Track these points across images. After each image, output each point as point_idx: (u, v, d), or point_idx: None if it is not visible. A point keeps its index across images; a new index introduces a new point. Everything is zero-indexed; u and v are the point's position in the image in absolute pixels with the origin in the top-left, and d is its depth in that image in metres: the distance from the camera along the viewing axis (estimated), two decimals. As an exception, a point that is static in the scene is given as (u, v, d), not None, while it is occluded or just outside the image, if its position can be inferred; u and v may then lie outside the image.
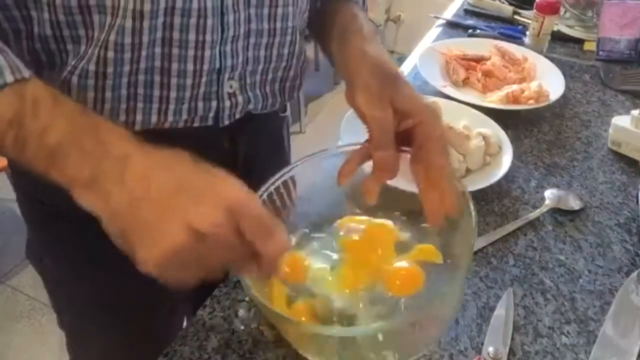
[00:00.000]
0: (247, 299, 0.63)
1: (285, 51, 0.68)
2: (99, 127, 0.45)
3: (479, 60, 1.12)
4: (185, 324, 0.77)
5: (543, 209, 0.78)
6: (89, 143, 0.44)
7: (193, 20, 0.57)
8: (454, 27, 1.35)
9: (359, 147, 0.58)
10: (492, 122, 0.91)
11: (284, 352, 0.58)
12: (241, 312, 0.62)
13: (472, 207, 0.52)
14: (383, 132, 0.55)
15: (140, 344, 0.80)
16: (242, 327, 0.61)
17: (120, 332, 0.79)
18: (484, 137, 0.85)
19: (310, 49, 2.90)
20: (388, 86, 0.56)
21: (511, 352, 0.60)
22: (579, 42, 1.30)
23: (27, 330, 1.68)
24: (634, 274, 0.68)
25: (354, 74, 0.59)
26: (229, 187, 0.44)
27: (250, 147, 0.73)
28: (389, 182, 0.60)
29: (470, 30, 1.31)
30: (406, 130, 0.56)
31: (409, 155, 0.56)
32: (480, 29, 1.31)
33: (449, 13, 1.42)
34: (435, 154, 0.55)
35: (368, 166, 0.59)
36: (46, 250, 0.76)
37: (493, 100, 1.01)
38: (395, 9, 3.06)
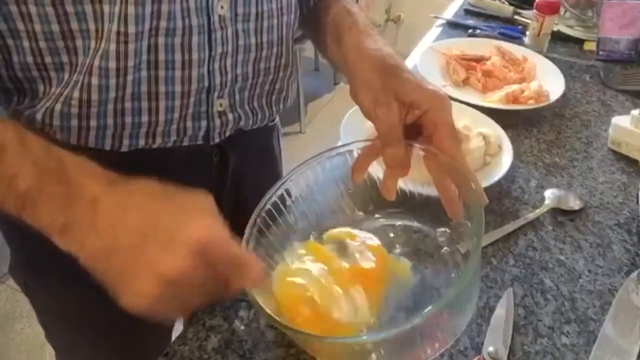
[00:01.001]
0: (247, 299, 0.63)
1: (272, 64, 0.66)
2: (67, 168, 0.44)
3: (479, 60, 1.12)
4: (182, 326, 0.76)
5: (543, 209, 0.78)
6: (58, 189, 0.43)
7: (178, 40, 0.55)
8: (454, 27, 1.35)
9: (365, 144, 0.58)
10: (492, 122, 0.91)
11: (283, 352, 0.58)
12: (241, 312, 0.62)
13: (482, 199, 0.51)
14: (390, 129, 0.54)
15: (130, 356, 0.80)
16: (242, 327, 0.61)
17: (108, 347, 0.78)
18: (484, 137, 0.85)
19: (310, 49, 2.91)
20: (390, 79, 0.55)
21: (511, 352, 0.60)
22: (579, 42, 1.30)
23: (27, 330, 1.68)
24: (634, 274, 0.68)
25: (354, 72, 0.58)
26: (197, 226, 0.42)
27: (240, 160, 0.72)
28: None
29: (470, 30, 1.31)
30: (416, 121, 0.55)
31: (418, 152, 0.55)
32: (480, 29, 1.31)
33: (449, 13, 1.42)
34: (445, 142, 0.53)
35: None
36: (28, 270, 0.74)
37: (493, 100, 1.01)
38: (395, 9, 3.06)
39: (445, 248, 0.60)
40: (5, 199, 0.44)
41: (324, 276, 0.50)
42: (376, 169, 0.59)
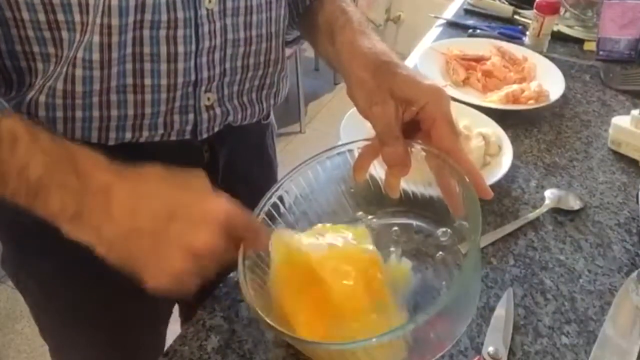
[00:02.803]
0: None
1: (262, 59, 0.66)
2: (77, 159, 0.45)
3: (479, 60, 1.12)
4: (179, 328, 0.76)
5: (543, 209, 0.78)
6: (69, 178, 0.44)
7: (163, 32, 0.55)
8: (454, 27, 1.35)
9: (365, 143, 0.58)
10: (492, 122, 0.91)
11: (283, 352, 0.58)
12: (241, 312, 0.62)
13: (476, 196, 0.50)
14: (386, 127, 0.53)
15: (122, 351, 0.79)
16: (242, 327, 0.61)
17: (99, 343, 0.78)
18: (484, 137, 0.85)
19: (310, 49, 2.91)
20: (384, 77, 0.54)
21: (511, 352, 0.60)
22: (579, 42, 1.30)
23: (27, 330, 1.68)
24: (634, 274, 0.68)
25: (348, 71, 0.58)
26: (215, 203, 0.46)
27: (231, 157, 0.72)
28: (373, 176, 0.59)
29: (470, 30, 1.30)
30: (414, 117, 0.54)
31: (419, 152, 0.55)
32: (480, 29, 1.31)
33: (449, 13, 1.42)
34: (444, 136, 0.53)
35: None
36: (19, 265, 0.74)
37: (493, 100, 1.01)
38: (395, 9, 3.06)
39: (445, 248, 0.60)
40: (16, 189, 0.45)
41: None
42: (377, 169, 0.59)
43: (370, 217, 0.63)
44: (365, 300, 0.49)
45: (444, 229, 0.60)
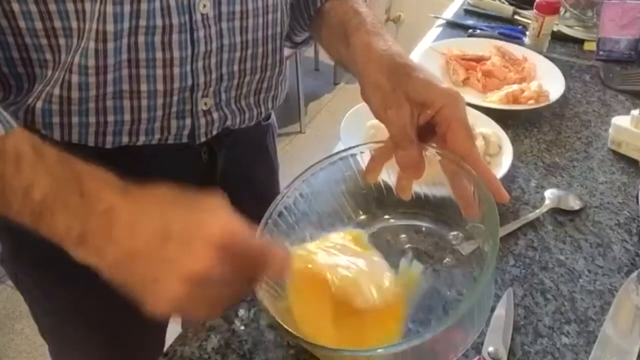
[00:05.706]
0: (247, 299, 0.63)
1: (259, 63, 0.65)
2: (82, 178, 0.44)
3: (479, 60, 1.12)
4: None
5: (543, 209, 0.78)
6: (73, 199, 0.43)
7: (158, 38, 0.55)
8: (454, 27, 1.35)
9: (377, 145, 0.57)
10: (492, 122, 0.91)
11: (284, 352, 0.58)
12: (241, 312, 0.62)
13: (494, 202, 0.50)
14: (401, 131, 0.53)
15: (122, 350, 0.79)
16: (242, 327, 0.61)
17: (99, 341, 0.78)
18: (484, 137, 0.85)
19: (310, 49, 2.91)
20: (399, 79, 0.54)
21: (511, 352, 0.60)
22: (579, 42, 1.30)
23: (27, 330, 1.68)
24: (634, 274, 0.68)
25: (363, 73, 0.57)
26: (216, 223, 0.41)
27: (230, 159, 0.71)
28: (386, 180, 0.59)
29: (470, 30, 1.30)
30: (430, 120, 0.54)
31: (434, 156, 0.54)
32: (480, 29, 1.31)
33: (449, 13, 1.42)
34: (460, 140, 0.52)
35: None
36: (19, 264, 0.73)
37: (493, 100, 1.01)
38: (395, 9, 3.06)
39: (455, 251, 0.60)
40: (21, 210, 0.43)
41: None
42: (388, 171, 0.59)
43: (386, 217, 0.63)
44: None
45: (455, 233, 0.60)
